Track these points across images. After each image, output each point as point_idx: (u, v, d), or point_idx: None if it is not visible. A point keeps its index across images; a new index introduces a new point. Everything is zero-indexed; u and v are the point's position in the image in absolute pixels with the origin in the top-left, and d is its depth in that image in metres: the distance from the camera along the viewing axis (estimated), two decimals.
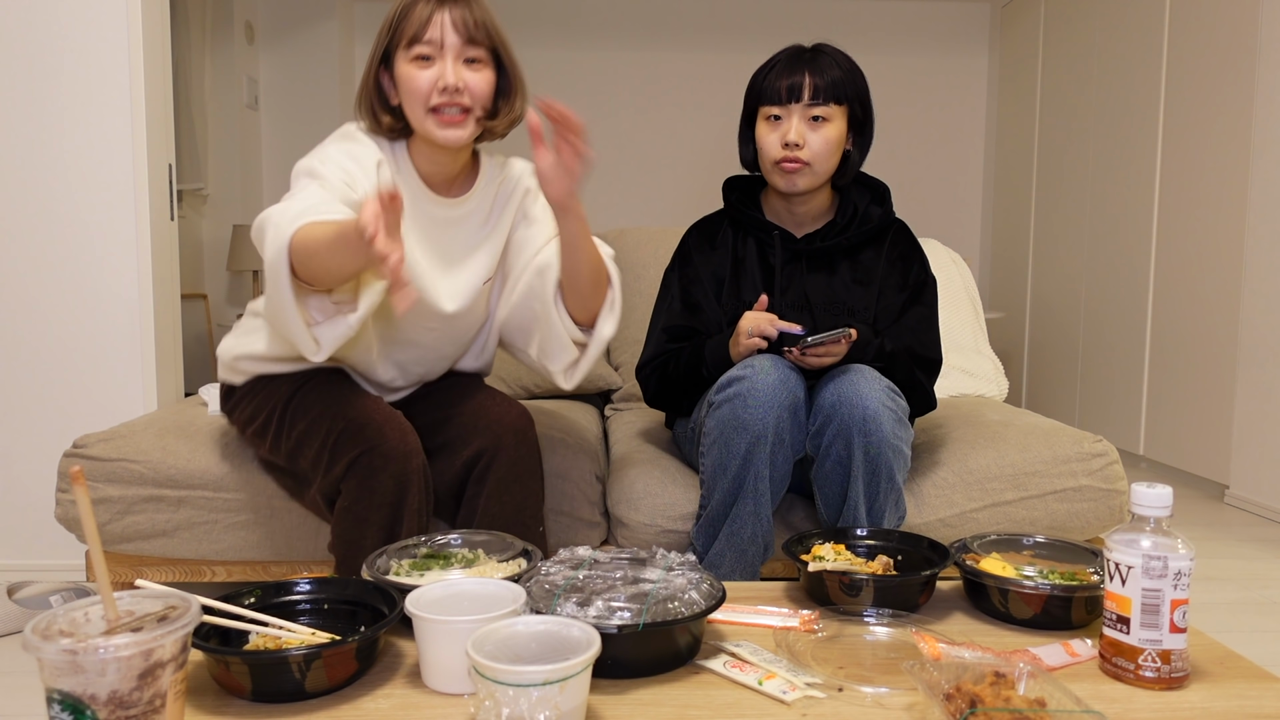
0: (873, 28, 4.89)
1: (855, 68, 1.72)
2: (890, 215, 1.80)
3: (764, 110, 1.72)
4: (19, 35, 2.13)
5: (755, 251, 1.80)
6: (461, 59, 1.44)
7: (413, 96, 1.44)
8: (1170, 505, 0.98)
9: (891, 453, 1.53)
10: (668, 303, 1.83)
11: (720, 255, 1.81)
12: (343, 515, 1.44)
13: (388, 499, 1.42)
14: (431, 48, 1.42)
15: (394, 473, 1.42)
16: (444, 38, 1.42)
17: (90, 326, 2.19)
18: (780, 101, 1.68)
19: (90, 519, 0.81)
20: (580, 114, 1.41)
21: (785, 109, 1.68)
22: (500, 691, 0.81)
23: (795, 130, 1.67)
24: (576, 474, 1.78)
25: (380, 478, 1.42)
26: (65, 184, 2.16)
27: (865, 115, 1.73)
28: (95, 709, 0.74)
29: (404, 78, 1.44)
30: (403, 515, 1.43)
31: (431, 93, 1.42)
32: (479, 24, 1.44)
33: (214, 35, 4.33)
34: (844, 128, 1.70)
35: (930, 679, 0.90)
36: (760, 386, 1.51)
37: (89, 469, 1.72)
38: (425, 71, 1.42)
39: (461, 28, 1.43)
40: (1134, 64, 3.63)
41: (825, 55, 1.70)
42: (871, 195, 1.81)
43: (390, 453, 1.42)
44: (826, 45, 1.73)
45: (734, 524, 1.57)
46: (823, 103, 1.67)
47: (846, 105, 1.69)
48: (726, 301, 1.79)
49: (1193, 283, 3.28)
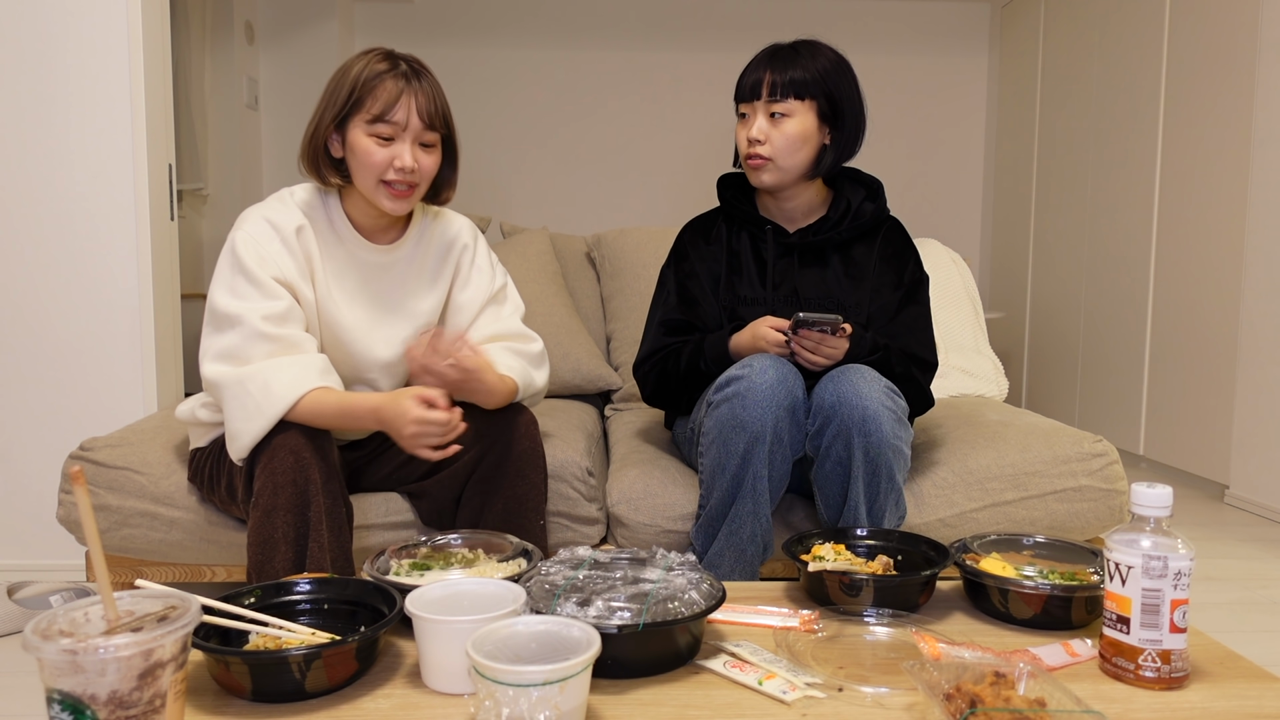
0: (873, 28, 4.89)
1: (832, 64, 1.71)
2: (883, 211, 1.81)
3: (738, 108, 1.76)
4: (19, 35, 2.13)
5: (749, 246, 1.81)
6: (419, 142, 1.50)
7: (368, 169, 1.49)
8: (1170, 505, 0.98)
9: (891, 453, 1.53)
10: (664, 298, 1.83)
11: (715, 250, 1.82)
12: (253, 512, 1.41)
13: (289, 477, 1.39)
14: (394, 129, 1.47)
15: (292, 448, 1.40)
16: (408, 120, 1.47)
17: (90, 326, 2.19)
18: (745, 99, 1.73)
19: (90, 519, 0.81)
20: (579, 113, 1.43)
21: (750, 106, 1.72)
22: (500, 691, 0.81)
23: (756, 127, 1.70)
24: (575, 474, 1.78)
25: (281, 455, 1.39)
26: (65, 184, 2.16)
27: (837, 110, 1.71)
28: (95, 709, 0.74)
29: (361, 149, 1.48)
30: (309, 494, 1.39)
31: (388, 169, 1.48)
32: (438, 111, 1.51)
33: (214, 35, 4.33)
34: (810, 123, 1.70)
35: (930, 679, 0.90)
36: (759, 386, 1.51)
37: (92, 474, 1.72)
38: (384, 149, 1.47)
39: (424, 115, 1.48)
40: (1134, 64, 3.63)
41: (797, 52, 1.71)
42: (866, 191, 1.82)
43: (287, 439, 1.40)
44: (808, 41, 1.74)
45: (733, 524, 1.57)
46: (780, 98, 1.68)
47: (813, 100, 1.69)
48: (723, 296, 1.79)
49: (1193, 283, 3.28)
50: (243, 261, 1.46)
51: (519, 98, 4.85)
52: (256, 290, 1.46)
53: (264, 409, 1.40)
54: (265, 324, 1.44)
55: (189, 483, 1.70)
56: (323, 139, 1.51)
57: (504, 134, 4.86)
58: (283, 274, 1.49)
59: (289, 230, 1.51)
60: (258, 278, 1.46)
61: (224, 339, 1.45)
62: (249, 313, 1.44)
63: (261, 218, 1.51)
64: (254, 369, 1.42)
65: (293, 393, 1.41)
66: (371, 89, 1.46)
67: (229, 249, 1.49)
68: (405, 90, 1.47)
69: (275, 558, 1.38)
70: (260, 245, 1.48)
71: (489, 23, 4.81)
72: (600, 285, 2.66)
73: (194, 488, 1.70)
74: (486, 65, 4.83)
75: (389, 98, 1.46)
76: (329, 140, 1.51)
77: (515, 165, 4.89)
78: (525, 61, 4.84)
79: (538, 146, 4.88)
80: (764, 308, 1.74)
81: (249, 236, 1.49)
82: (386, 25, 4.80)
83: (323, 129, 1.50)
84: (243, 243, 1.48)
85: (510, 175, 4.89)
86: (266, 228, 1.50)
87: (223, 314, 1.45)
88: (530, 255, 2.56)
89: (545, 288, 2.48)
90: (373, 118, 1.46)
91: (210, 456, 1.60)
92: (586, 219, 4.88)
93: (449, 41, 4.80)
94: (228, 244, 1.50)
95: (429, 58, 1.64)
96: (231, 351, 1.44)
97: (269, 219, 1.51)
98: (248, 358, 1.43)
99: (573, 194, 4.93)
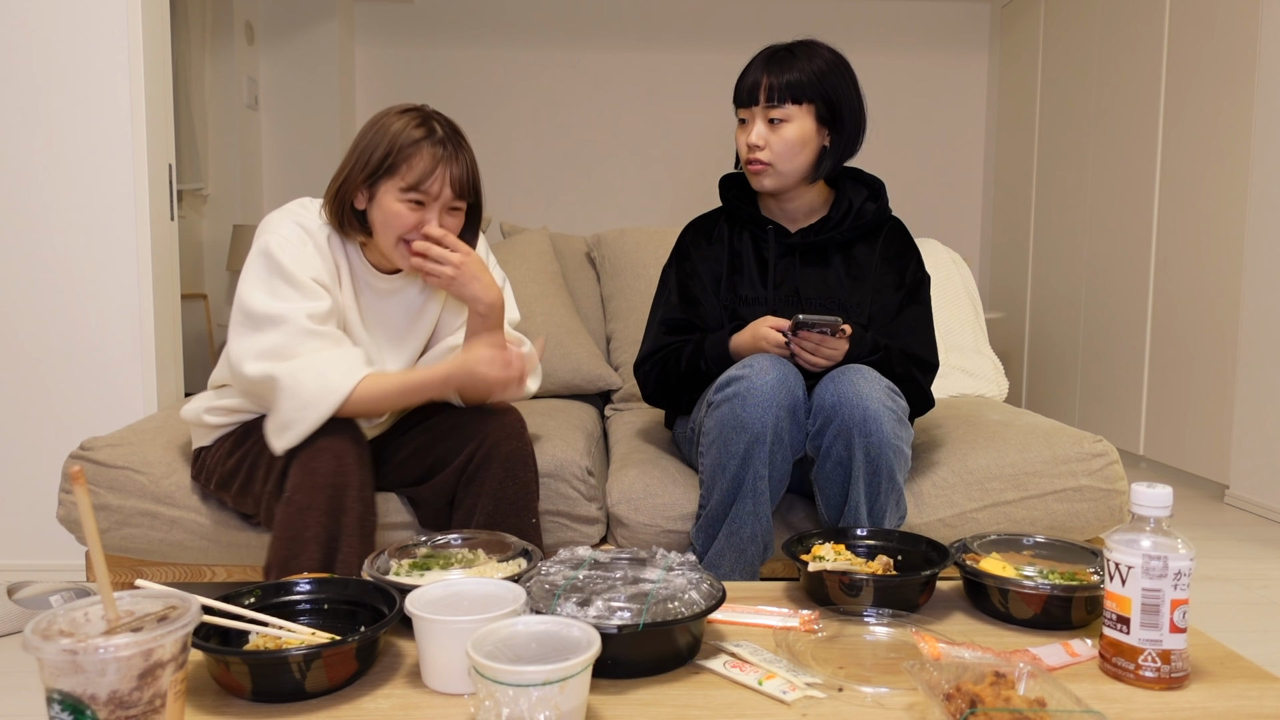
0: (873, 28, 4.89)
1: (830, 65, 1.69)
2: (885, 211, 1.81)
3: (737, 112, 1.75)
4: (19, 35, 2.13)
5: (751, 246, 1.81)
6: (448, 208, 1.50)
7: (392, 230, 1.48)
8: (1170, 505, 0.98)
9: (892, 453, 1.53)
10: (665, 297, 1.83)
11: (717, 250, 1.82)
12: (285, 507, 1.42)
13: (328, 480, 1.40)
14: (426, 197, 1.47)
15: (335, 451, 1.41)
16: (441, 191, 1.47)
17: (90, 326, 2.19)
18: (743, 104, 1.72)
19: (90, 519, 0.81)
20: (579, 113, 1.43)
21: (749, 111, 1.71)
22: (500, 691, 0.81)
23: (755, 132, 1.69)
24: (575, 473, 1.78)
25: (323, 458, 1.41)
26: (65, 184, 2.16)
27: (835, 112, 1.70)
28: (95, 709, 0.74)
29: (390, 212, 1.47)
30: (345, 499, 1.41)
31: (412, 231, 1.48)
32: (470, 181, 1.51)
33: (214, 35, 4.33)
34: (809, 126, 1.69)
35: (930, 679, 0.90)
36: (759, 386, 1.51)
37: (93, 473, 1.72)
38: (413, 214, 1.47)
39: (457, 185, 1.48)
40: (1134, 64, 3.63)
41: (793, 54, 1.69)
42: (867, 191, 1.81)
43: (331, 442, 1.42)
44: (805, 42, 1.72)
45: (733, 524, 1.57)
46: (778, 104, 1.67)
47: (810, 104, 1.69)
48: (724, 296, 1.79)
49: (1193, 283, 3.28)
50: (280, 263, 1.45)
51: (519, 98, 4.85)
52: (297, 291, 1.45)
53: (322, 397, 1.41)
54: (310, 321, 1.44)
55: (192, 481, 1.70)
56: (350, 194, 1.49)
57: (504, 134, 4.86)
58: (319, 276, 1.49)
59: (321, 236, 1.51)
60: (297, 279, 1.45)
61: (266, 338, 1.43)
62: (293, 312, 1.44)
63: (293, 222, 1.51)
64: (306, 360, 1.42)
65: (350, 379, 1.42)
66: (408, 156, 1.45)
67: (262, 252, 1.47)
68: (442, 160, 1.46)
69: (301, 555, 1.38)
70: (296, 248, 1.48)
71: (489, 23, 4.81)
72: (600, 285, 2.66)
73: (196, 486, 1.70)
74: (486, 65, 4.83)
75: (425, 168, 1.45)
76: (355, 194, 1.50)
77: (515, 165, 4.89)
78: (525, 61, 4.84)
79: (538, 146, 4.89)
80: (765, 307, 1.74)
81: (284, 239, 1.47)
82: (386, 25, 4.80)
83: (352, 185, 1.49)
84: (278, 246, 1.47)
85: (510, 175, 4.89)
86: (299, 232, 1.50)
87: (262, 315, 1.44)
88: (530, 255, 2.56)
89: (545, 288, 2.48)
90: (407, 185, 1.45)
91: (220, 453, 1.59)
92: (586, 219, 4.88)
93: (449, 41, 4.80)
94: (259, 248, 1.48)
95: (429, 58, 1.64)
96: (276, 349, 1.43)
97: (300, 224, 1.51)
98: (294, 354, 1.43)
99: (573, 194, 4.93)
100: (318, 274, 1.49)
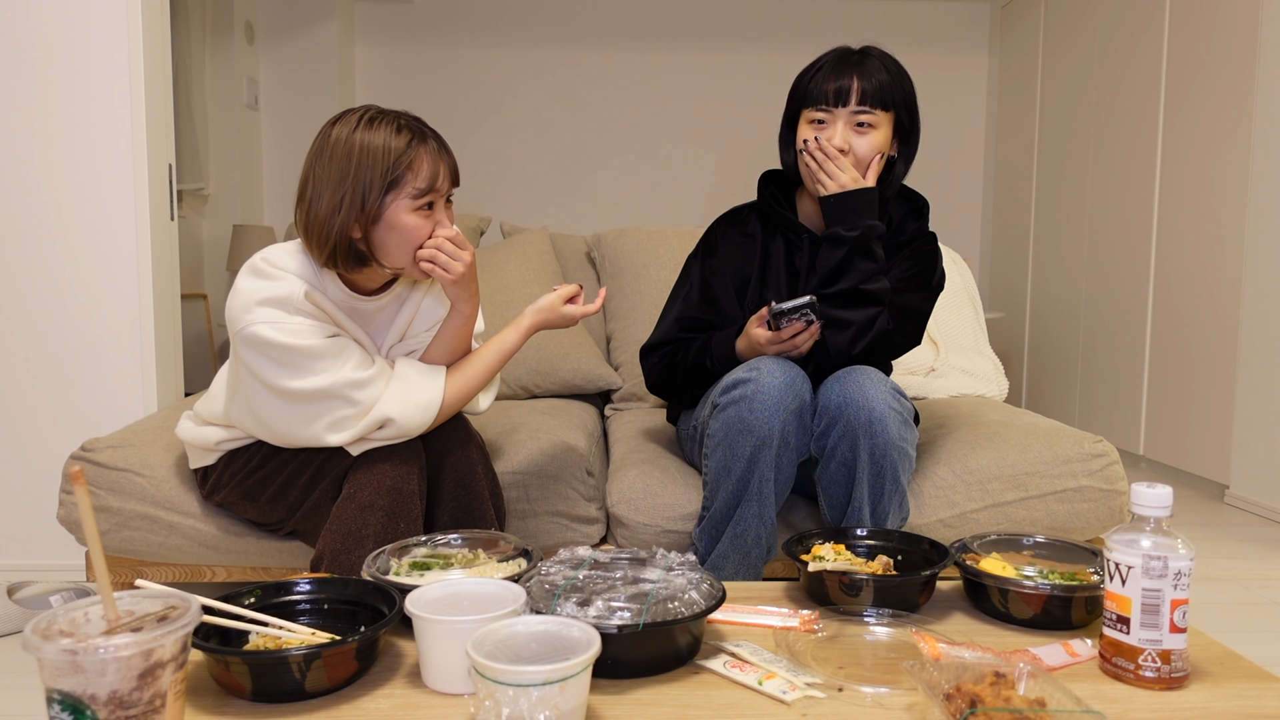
0: (873, 28, 4.89)
1: (903, 73, 1.68)
2: (924, 229, 1.77)
3: (808, 113, 1.67)
4: (19, 35, 2.13)
5: (782, 252, 1.77)
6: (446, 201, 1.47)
7: (410, 244, 1.42)
8: (1170, 505, 0.98)
9: (896, 454, 1.52)
10: (686, 290, 1.81)
11: (748, 250, 1.78)
12: (345, 504, 1.41)
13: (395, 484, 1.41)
14: (436, 196, 1.43)
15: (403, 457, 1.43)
16: (445, 185, 1.45)
17: (90, 326, 2.19)
18: (827, 105, 1.64)
19: (90, 519, 0.81)
20: (580, 113, 1.43)
21: (831, 113, 1.64)
22: (500, 691, 0.81)
23: (840, 135, 1.63)
24: (575, 474, 1.78)
25: (392, 460, 1.42)
26: (65, 184, 2.16)
27: (912, 122, 1.69)
28: (95, 709, 0.74)
29: (404, 226, 1.40)
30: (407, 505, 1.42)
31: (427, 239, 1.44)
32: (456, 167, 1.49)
33: (214, 35, 4.33)
34: (889, 134, 1.67)
35: (930, 679, 0.90)
36: (767, 389, 1.50)
37: (93, 475, 1.72)
38: (426, 222, 1.43)
39: (454, 174, 1.47)
40: (1134, 64, 3.63)
41: (873, 58, 1.66)
42: (909, 208, 1.78)
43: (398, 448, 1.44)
44: (875, 48, 1.68)
45: (738, 526, 1.56)
46: (870, 108, 1.63)
47: (893, 111, 1.66)
48: (750, 300, 1.76)
49: (1193, 283, 3.28)
50: (282, 344, 1.36)
51: (519, 98, 4.85)
52: (317, 361, 1.38)
53: (424, 415, 1.44)
54: (357, 372, 1.41)
55: (204, 500, 1.69)
56: (347, 229, 1.38)
57: (504, 134, 4.86)
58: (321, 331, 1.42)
59: (297, 299, 1.39)
60: (308, 349, 1.38)
61: (337, 410, 1.41)
62: (334, 378, 1.38)
63: (263, 303, 1.38)
64: (387, 398, 1.43)
65: (436, 390, 1.47)
66: (409, 163, 1.39)
67: (259, 345, 1.36)
68: (436, 154, 1.42)
69: (356, 551, 1.38)
70: (285, 323, 1.37)
71: (489, 23, 4.81)
72: (600, 285, 2.66)
73: (198, 496, 1.70)
74: (486, 65, 4.83)
75: (429, 169, 1.40)
76: (352, 226, 1.39)
77: (515, 165, 4.89)
78: (525, 61, 4.84)
79: (538, 146, 4.88)
80: None
81: (269, 324, 1.36)
82: (386, 25, 4.80)
83: (349, 219, 1.38)
84: (269, 331, 1.36)
85: (510, 175, 4.89)
86: (276, 311, 1.38)
87: (314, 392, 1.38)
88: (530, 255, 2.56)
89: (545, 288, 2.48)
90: (418, 192, 1.40)
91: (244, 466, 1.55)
92: (586, 219, 4.88)
93: (449, 41, 4.80)
94: (251, 342, 1.36)
95: (429, 58, 1.64)
96: (350, 417, 1.41)
97: (271, 299, 1.38)
98: (371, 402, 1.42)
99: (573, 194, 4.93)
100: (320, 329, 1.42)
